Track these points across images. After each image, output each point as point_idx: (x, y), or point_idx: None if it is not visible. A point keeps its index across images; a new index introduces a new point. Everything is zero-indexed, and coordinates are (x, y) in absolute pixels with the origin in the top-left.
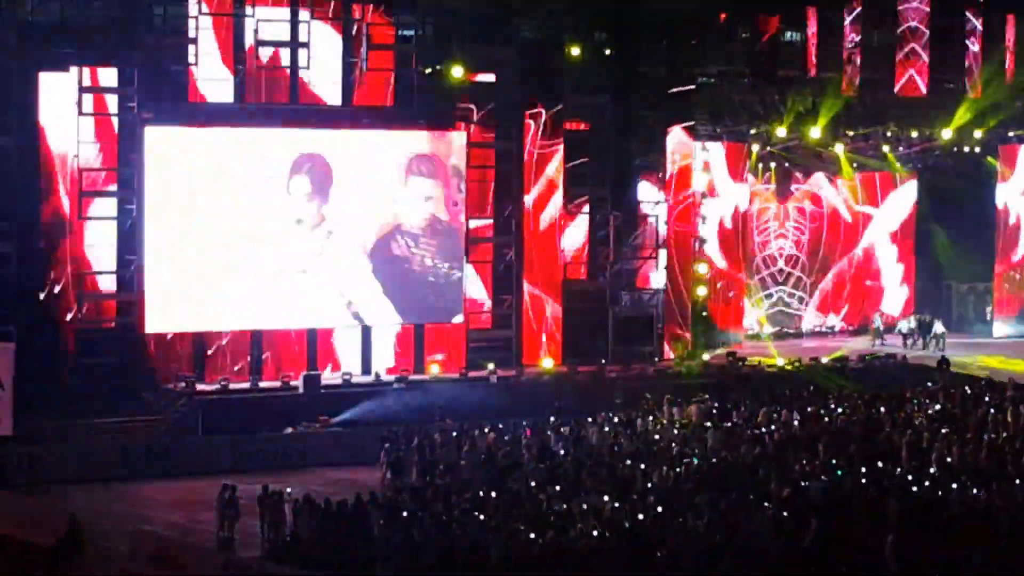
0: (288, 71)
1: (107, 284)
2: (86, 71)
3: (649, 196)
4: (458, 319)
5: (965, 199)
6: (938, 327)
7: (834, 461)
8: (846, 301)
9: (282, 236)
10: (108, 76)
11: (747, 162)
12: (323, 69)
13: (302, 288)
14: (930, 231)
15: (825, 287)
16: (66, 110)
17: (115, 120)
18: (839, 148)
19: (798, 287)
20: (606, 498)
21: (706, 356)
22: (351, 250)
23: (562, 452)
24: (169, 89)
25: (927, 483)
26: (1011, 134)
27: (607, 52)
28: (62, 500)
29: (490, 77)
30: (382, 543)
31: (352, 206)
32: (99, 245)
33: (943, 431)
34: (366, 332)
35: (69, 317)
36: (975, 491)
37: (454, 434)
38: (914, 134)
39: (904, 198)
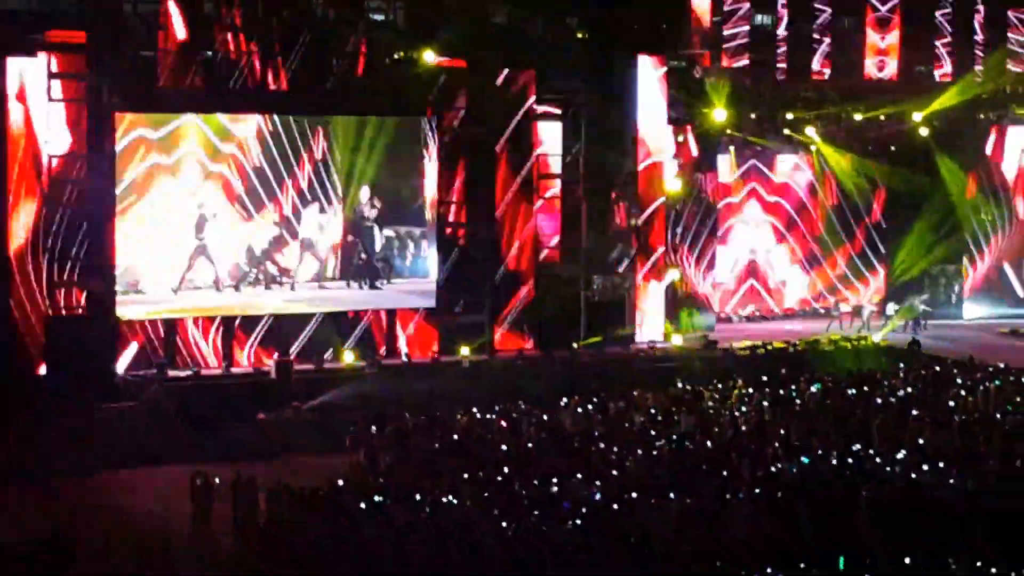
0: (256, 56)
1: (78, 271)
2: (55, 57)
3: (622, 180)
4: (429, 304)
5: (935, 182)
6: (919, 305)
7: (806, 444)
8: (816, 284)
9: (251, 221)
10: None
11: (717, 145)
12: (290, 53)
13: (272, 273)
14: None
15: (796, 269)
16: (35, 96)
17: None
18: (810, 131)
19: (769, 269)
20: (580, 482)
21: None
22: (322, 236)
23: (535, 437)
24: (139, 75)
25: (899, 466)
26: (980, 116)
27: (579, 36)
28: (38, 492)
29: (461, 62)
30: (357, 530)
31: (322, 192)
32: (69, 232)
33: (915, 413)
34: (338, 318)
35: (39, 306)
36: (948, 473)
37: (425, 420)
38: (883, 117)
39: (875, 180)
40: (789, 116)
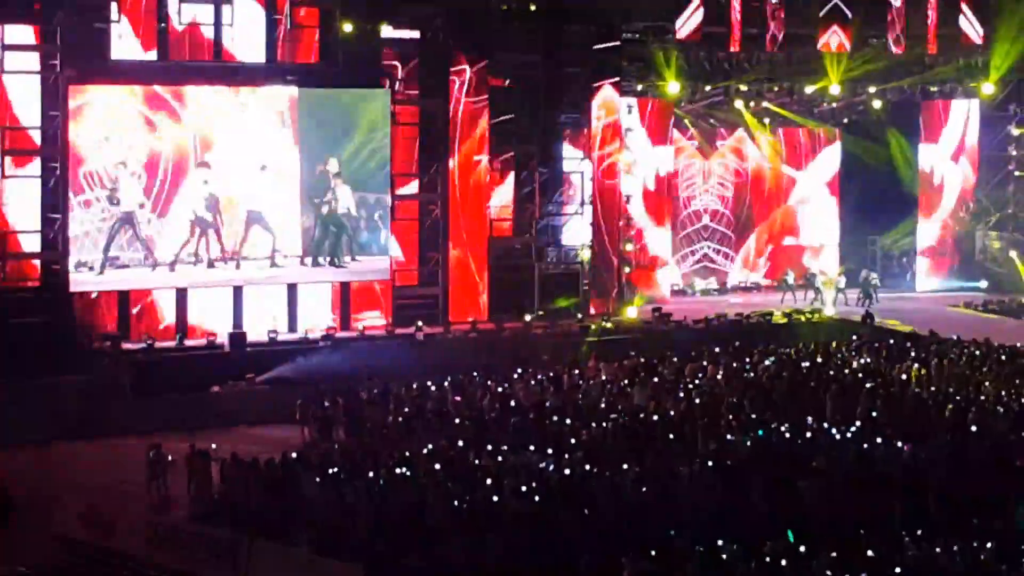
0: (212, 28)
1: (31, 244)
2: (7, 28)
3: (575, 153)
4: (384, 277)
5: (889, 153)
6: (872, 278)
7: (760, 416)
8: (770, 257)
9: (205, 194)
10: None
11: (671, 119)
12: (247, 26)
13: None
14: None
15: (750, 243)
16: None
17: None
18: (739, 104)
19: (723, 243)
20: (534, 454)
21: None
22: (275, 208)
23: (489, 408)
24: (91, 47)
25: (852, 437)
26: (933, 89)
27: (533, 8)
28: None
29: (415, 34)
30: (311, 501)
31: (277, 164)
32: (22, 204)
33: (868, 385)
34: (292, 290)
35: None
36: (900, 445)
37: (379, 392)
38: (836, 89)
39: (829, 154)
40: (743, 88)
